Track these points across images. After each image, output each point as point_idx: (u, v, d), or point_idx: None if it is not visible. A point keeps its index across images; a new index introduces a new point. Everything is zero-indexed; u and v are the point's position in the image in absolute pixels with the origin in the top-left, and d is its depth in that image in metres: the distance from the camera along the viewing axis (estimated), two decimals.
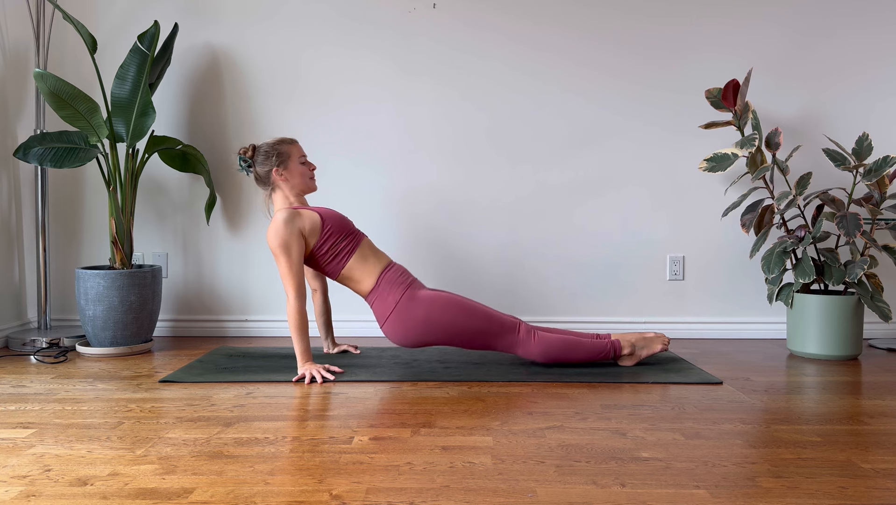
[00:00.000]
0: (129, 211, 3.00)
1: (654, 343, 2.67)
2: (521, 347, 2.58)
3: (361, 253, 2.57)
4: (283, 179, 2.61)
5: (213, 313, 3.38)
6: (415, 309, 2.50)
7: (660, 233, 3.32)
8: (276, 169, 2.60)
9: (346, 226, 2.59)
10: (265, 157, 2.61)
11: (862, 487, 1.52)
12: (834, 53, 3.25)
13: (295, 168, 2.63)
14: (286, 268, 2.49)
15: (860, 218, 2.73)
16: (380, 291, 2.54)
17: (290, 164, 2.62)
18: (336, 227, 2.56)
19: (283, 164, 2.61)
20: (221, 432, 1.88)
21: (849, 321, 2.81)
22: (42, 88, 2.77)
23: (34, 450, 1.74)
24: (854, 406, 2.17)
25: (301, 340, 2.49)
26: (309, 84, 3.30)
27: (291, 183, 2.63)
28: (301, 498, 1.46)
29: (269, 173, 2.61)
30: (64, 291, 3.37)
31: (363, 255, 2.57)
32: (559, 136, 3.30)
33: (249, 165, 2.63)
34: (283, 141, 2.65)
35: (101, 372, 2.59)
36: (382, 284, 2.54)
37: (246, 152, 2.63)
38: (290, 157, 2.62)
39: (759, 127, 2.96)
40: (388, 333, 2.57)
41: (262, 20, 3.30)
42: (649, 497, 1.47)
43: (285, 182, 2.62)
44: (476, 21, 3.27)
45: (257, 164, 2.62)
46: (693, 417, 2.04)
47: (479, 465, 1.64)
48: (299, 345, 2.49)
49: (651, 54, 3.27)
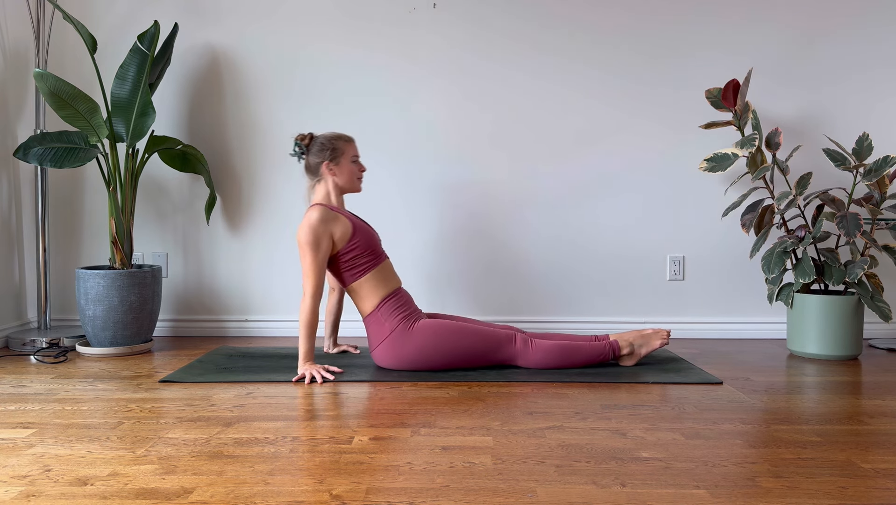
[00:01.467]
0: (129, 211, 3.00)
1: (653, 339, 2.67)
2: (520, 358, 2.59)
3: (376, 274, 2.57)
4: (331, 174, 2.61)
5: (213, 313, 3.38)
6: (408, 342, 2.51)
7: (660, 233, 3.32)
8: (327, 162, 2.60)
9: (372, 244, 2.59)
10: (320, 148, 2.61)
11: (862, 487, 1.52)
12: (834, 53, 3.25)
13: (346, 165, 2.63)
14: (310, 264, 2.49)
15: (860, 218, 2.73)
16: (378, 315, 2.54)
17: (342, 160, 2.62)
18: (363, 242, 2.56)
19: (336, 159, 2.61)
20: (221, 432, 1.88)
21: (849, 321, 2.81)
22: (42, 88, 2.77)
23: (34, 450, 1.74)
24: (854, 406, 2.17)
25: (307, 340, 2.49)
26: (309, 84, 3.30)
27: (339, 179, 2.63)
28: (301, 498, 1.46)
29: (320, 165, 2.61)
30: (64, 291, 3.37)
31: (377, 276, 2.57)
32: (559, 136, 3.29)
33: (303, 153, 2.64)
34: (340, 137, 2.65)
35: (101, 372, 2.59)
36: (382, 310, 2.54)
37: (303, 139, 2.63)
38: (343, 154, 2.63)
39: (759, 127, 2.96)
40: (378, 359, 2.58)
41: (261, 21, 3.30)
42: (649, 497, 1.47)
43: (333, 177, 2.62)
44: (476, 21, 3.27)
45: (311, 154, 2.63)
46: (693, 417, 2.04)
47: (479, 465, 1.64)
48: (305, 344, 2.49)
49: (651, 54, 3.27)
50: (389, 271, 2.61)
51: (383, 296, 2.55)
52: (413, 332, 2.51)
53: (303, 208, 3.32)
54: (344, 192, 2.67)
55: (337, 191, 2.64)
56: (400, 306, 2.55)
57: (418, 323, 2.53)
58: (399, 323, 2.52)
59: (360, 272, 2.55)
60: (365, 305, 2.57)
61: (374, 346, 2.57)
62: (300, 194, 3.32)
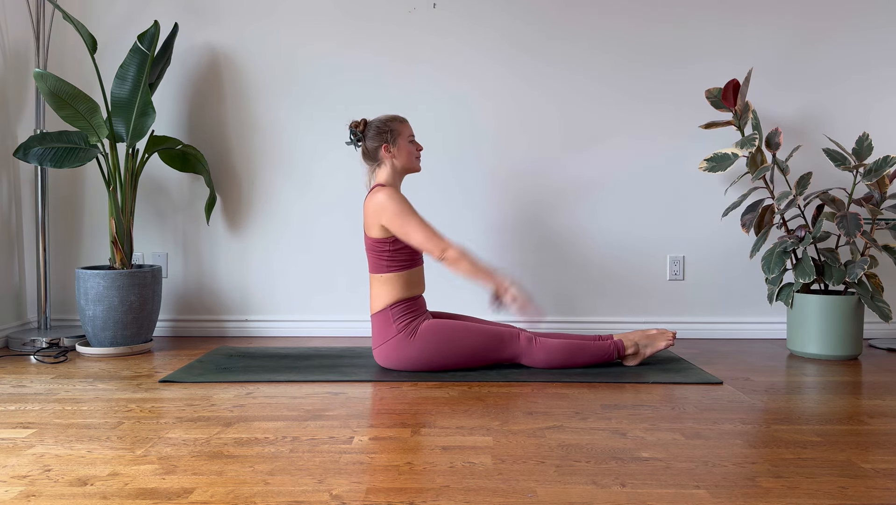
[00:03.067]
0: (129, 211, 3.00)
1: (658, 340, 2.67)
2: (524, 357, 2.58)
3: (407, 275, 2.55)
4: (391, 156, 2.60)
5: (213, 313, 3.38)
6: (412, 344, 2.50)
7: (660, 233, 3.32)
8: (386, 145, 2.59)
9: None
10: (377, 132, 2.60)
11: (862, 487, 1.52)
12: (834, 53, 3.25)
13: (404, 146, 2.62)
14: (417, 224, 2.47)
15: (860, 218, 2.73)
16: (388, 314, 2.53)
17: (399, 141, 2.61)
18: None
19: (394, 140, 2.60)
20: (221, 432, 1.88)
21: (849, 321, 2.81)
22: (42, 88, 2.77)
23: (34, 450, 1.74)
24: (854, 406, 2.17)
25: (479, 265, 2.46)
26: (309, 84, 3.30)
27: (399, 161, 2.61)
28: (301, 498, 1.45)
29: (378, 149, 2.60)
30: (64, 291, 3.37)
31: (407, 277, 2.55)
32: (558, 136, 3.29)
33: (359, 139, 2.63)
34: (394, 118, 2.64)
35: (101, 372, 2.59)
36: (394, 311, 2.53)
37: (357, 126, 2.63)
38: (400, 135, 2.61)
39: (759, 127, 2.96)
40: (380, 358, 2.58)
41: (261, 20, 3.30)
42: (649, 497, 1.46)
43: (393, 159, 2.61)
44: (477, 21, 3.27)
45: (367, 139, 2.62)
46: (693, 417, 2.04)
47: (479, 465, 1.64)
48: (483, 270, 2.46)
49: (651, 53, 3.27)
50: (419, 277, 2.60)
51: (401, 298, 2.54)
52: (417, 334, 2.51)
53: (302, 208, 3.33)
54: (406, 173, 2.66)
55: (397, 173, 2.63)
56: (412, 312, 2.55)
57: (423, 325, 2.53)
58: (405, 327, 2.52)
59: (395, 266, 2.54)
60: (379, 301, 2.55)
61: (376, 344, 2.57)
62: (300, 194, 3.32)
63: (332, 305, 3.35)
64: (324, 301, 3.35)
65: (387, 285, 2.54)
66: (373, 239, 2.54)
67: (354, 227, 3.32)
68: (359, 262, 3.33)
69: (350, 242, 3.33)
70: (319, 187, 3.32)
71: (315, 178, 3.33)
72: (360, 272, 3.33)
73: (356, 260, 3.33)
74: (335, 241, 3.34)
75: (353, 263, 3.33)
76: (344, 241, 3.33)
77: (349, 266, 3.34)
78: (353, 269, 3.34)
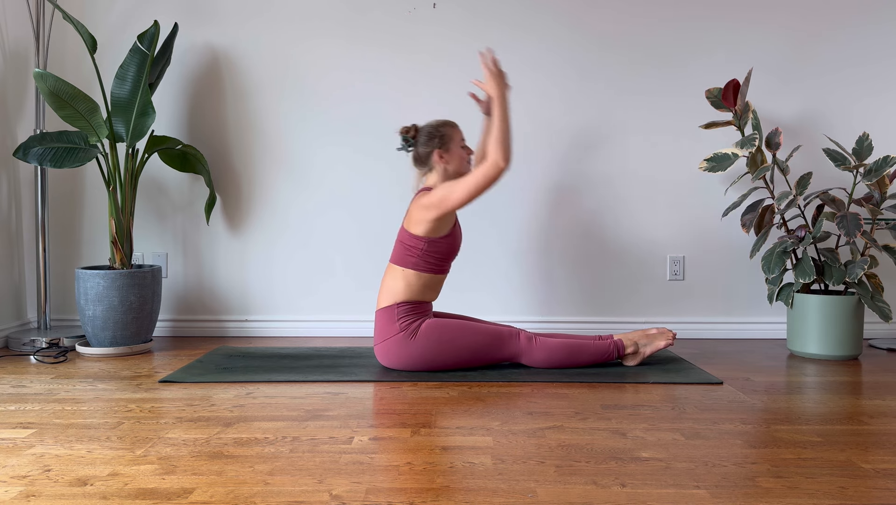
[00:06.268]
0: (129, 211, 3.00)
1: (658, 339, 2.67)
2: (524, 356, 2.58)
3: (428, 279, 2.55)
4: (443, 161, 2.60)
5: (213, 313, 3.38)
6: (413, 344, 2.50)
7: (660, 233, 3.32)
8: (438, 150, 2.59)
9: (452, 252, 2.59)
10: (428, 137, 2.60)
11: (862, 487, 1.52)
12: (834, 53, 3.25)
13: (455, 151, 2.61)
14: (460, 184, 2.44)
15: (860, 218, 2.73)
16: (393, 311, 2.53)
17: (451, 146, 2.61)
18: (449, 245, 2.56)
19: (445, 146, 2.60)
20: (221, 432, 1.88)
21: (849, 321, 2.81)
22: (42, 88, 2.77)
23: (34, 450, 1.74)
24: (854, 406, 2.17)
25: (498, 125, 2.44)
26: (309, 84, 3.30)
27: (451, 166, 2.61)
28: (301, 498, 1.45)
29: (430, 154, 2.60)
30: (64, 291, 3.37)
31: (427, 281, 2.55)
32: (558, 136, 3.29)
33: (411, 145, 2.63)
34: (445, 123, 2.63)
35: (100, 372, 2.59)
36: (399, 310, 2.53)
37: (408, 132, 2.62)
38: (451, 140, 2.61)
39: (760, 127, 2.96)
40: (380, 356, 2.58)
41: (261, 20, 3.30)
42: (649, 497, 1.46)
43: (445, 164, 2.60)
44: (476, 21, 3.27)
45: (419, 145, 2.61)
46: (693, 417, 2.04)
47: (479, 465, 1.64)
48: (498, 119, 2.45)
49: (651, 53, 3.27)
50: (437, 285, 2.60)
51: (411, 299, 2.54)
52: (418, 334, 2.51)
53: (302, 208, 3.32)
54: (455, 178, 2.63)
55: (448, 177, 2.62)
56: (416, 313, 2.55)
57: (423, 325, 2.53)
58: (407, 326, 2.52)
59: (421, 266, 2.53)
60: (389, 296, 2.55)
61: (377, 341, 2.57)
62: (300, 194, 3.32)
63: (332, 305, 3.35)
64: (324, 301, 3.35)
65: (402, 281, 2.54)
66: (410, 234, 2.54)
67: (354, 228, 3.32)
68: (359, 262, 3.33)
69: (350, 242, 3.33)
70: (320, 187, 3.32)
71: (315, 178, 3.32)
72: (361, 272, 3.33)
73: (356, 260, 3.33)
74: (335, 241, 3.33)
75: (353, 264, 3.34)
76: (344, 241, 3.33)
77: (349, 266, 3.34)
78: (354, 269, 3.34)
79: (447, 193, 2.46)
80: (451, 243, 2.58)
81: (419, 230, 2.52)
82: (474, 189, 2.44)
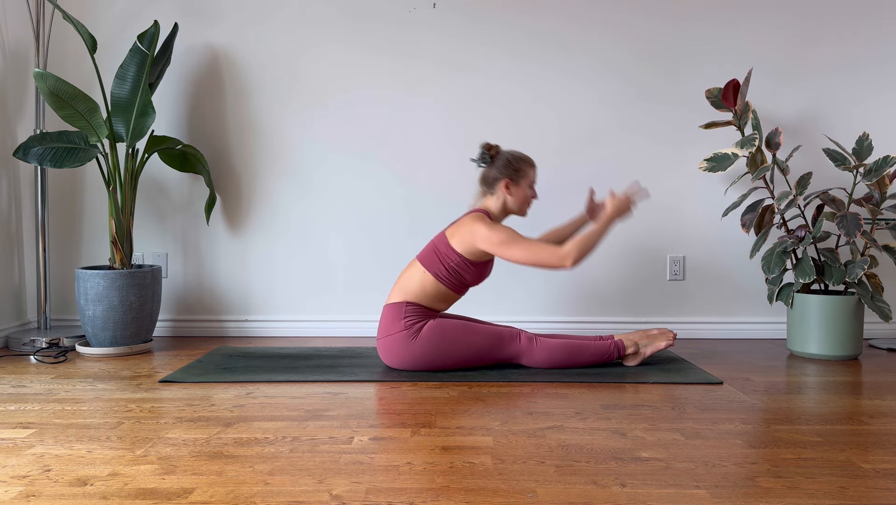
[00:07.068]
0: (129, 211, 3.00)
1: (658, 340, 2.67)
2: (525, 357, 2.58)
3: (446, 292, 2.57)
4: (507, 193, 2.61)
5: (213, 313, 3.38)
6: (415, 343, 2.51)
7: (660, 233, 3.32)
8: (507, 181, 2.60)
9: (480, 279, 2.61)
10: (505, 164, 2.61)
11: (862, 487, 1.52)
12: (834, 53, 3.25)
13: (523, 189, 2.63)
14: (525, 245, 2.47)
15: (860, 218, 2.73)
16: (400, 308, 2.54)
17: (521, 182, 2.62)
18: (479, 272, 2.59)
19: (516, 180, 2.61)
20: (221, 432, 1.88)
21: (849, 321, 2.81)
22: (42, 88, 2.77)
23: (34, 450, 1.74)
24: (854, 406, 2.17)
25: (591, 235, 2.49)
26: (309, 84, 3.30)
27: (511, 200, 2.63)
28: (301, 498, 1.45)
29: (499, 181, 2.61)
30: (64, 291, 3.37)
31: (444, 293, 2.57)
32: (559, 136, 3.29)
33: (485, 162, 2.63)
34: (525, 160, 2.64)
35: (100, 372, 2.59)
36: (407, 308, 2.54)
37: (490, 149, 2.63)
38: (524, 178, 2.63)
39: (759, 127, 2.96)
40: (381, 351, 2.59)
41: (262, 20, 3.30)
42: (649, 497, 1.46)
43: (507, 196, 2.62)
44: (476, 20, 3.27)
45: (494, 167, 2.62)
46: (693, 417, 2.04)
47: (479, 465, 1.64)
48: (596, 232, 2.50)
49: (652, 53, 3.27)
50: (451, 301, 2.62)
51: (421, 303, 2.56)
52: (420, 334, 2.51)
53: (302, 208, 3.32)
54: (509, 214, 2.67)
55: (504, 210, 2.65)
56: (422, 315, 2.55)
57: (426, 325, 2.53)
58: (410, 326, 2.52)
59: (445, 278, 2.55)
60: (403, 292, 2.57)
61: (381, 336, 2.57)
62: (300, 194, 3.32)
63: (332, 305, 3.35)
64: (324, 301, 3.35)
65: (419, 283, 2.55)
66: (449, 244, 2.55)
67: (355, 228, 3.32)
68: (359, 262, 3.33)
69: (351, 242, 3.33)
70: (319, 187, 3.32)
71: (315, 178, 3.32)
72: (361, 272, 3.33)
73: (357, 260, 3.33)
74: (335, 240, 3.34)
75: (353, 264, 3.34)
76: (344, 240, 3.33)
77: (350, 266, 3.34)
78: (354, 269, 3.34)
79: (509, 243, 2.48)
80: (481, 271, 2.60)
81: (460, 247, 2.54)
82: (530, 262, 2.48)
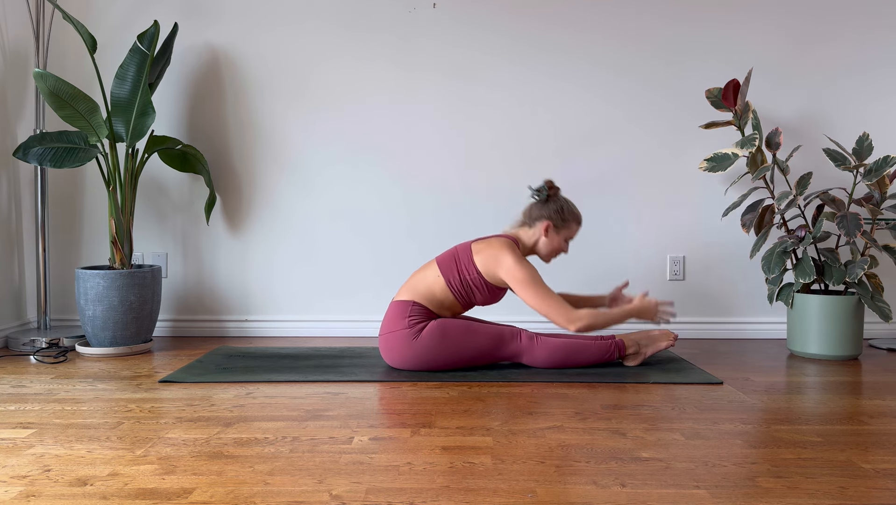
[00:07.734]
0: (129, 211, 3.00)
1: (659, 340, 2.67)
2: (525, 355, 2.58)
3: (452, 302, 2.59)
4: (543, 234, 2.66)
5: (213, 313, 3.38)
6: (416, 342, 2.51)
7: (660, 233, 3.32)
8: (549, 223, 2.65)
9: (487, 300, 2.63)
10: (557, 209, 2.67)
11: (862, 487, 1.52)
12: (834, 53, 3.25)
13: (559, 238, 2.69)
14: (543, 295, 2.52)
15: (860, 218, 2.73)
16: (406, 307, 2.54)
17: (561, 232, 2.68)
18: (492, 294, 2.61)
19: (558, 228, 2.67)
20: (221, 432, 1.88)
21: (849, 321, 2.81)
22: (42, 88, 2.77)
23: (34, 450, 1.74)
24: (854, 406, 2.17)
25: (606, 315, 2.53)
26: (309, 83, 3.30)
27: (544, 245, 2.68)
28: (301, 498, 1.45)
29: (541, 220, 2.66)
30: (64, 291, 3.37)
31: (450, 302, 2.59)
32: (559, 136, 3.29)
33: (541, 197, 2.68)
34: (576, 214, 2.71)
35: (100, 372, 2.59)
36: (413, 308, 2.54)
37: (551, 188, 2.69)
38: (565, 230, 2.69)
39: (760, 127, 2.96)
40: (382, 348, 2.59)
41: (262, 20, 3.30)
42: (649, 497, 1.46)
43: (542, 237, 2.67)
44: (476, 20, 3.27)
45: (545, 206, 2.68)
46: (693, 417, 2.04)
47: (479, 465, 1.64)
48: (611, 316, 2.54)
49: (652, 53, 3.27)
50: (455, 310, 2.64)
51: (428, 306, 2.57)
52: (422, 335, 2.51)
53: (302, 207, 3.32)
54: (535, 254, 2.72)
55: (532, 248, 2.70)
56: (426, 316, 2.56)
57: (427, 326, 2.53)
58: (413, 325, 2.52)
59: (455, 286, 2.56)
60: (411, 291, 2.58)
61: (384, 331, 2.58)
62: (300, 194, 3.32)
63: (332, 305, 3.35)
64: (324, 301, 3.35)
65: (432, 286, 2.57)
66: (472, 259, 2.57)
67: (355, 228, 3.32)
68: (359, 262, 3.33)
69: (350, 242, 3.33)
70: (319, 187, 3.32)
71: (314, 178, 3.32)
72: (361, 272, 3.33)
73: (356, 260, 3.33)
74: (335, 240, 3.34)
75: (353, 264, 3.34)
76: (344, 240, 3.33)
77: (349, 266, 3.34)
78: (354, 269, 3.34)
79: (529, 284, 2.51)
80: (493, 296, 2.63)
81: (482, 266, 2.56)
82: (541, 311, 2.53)
